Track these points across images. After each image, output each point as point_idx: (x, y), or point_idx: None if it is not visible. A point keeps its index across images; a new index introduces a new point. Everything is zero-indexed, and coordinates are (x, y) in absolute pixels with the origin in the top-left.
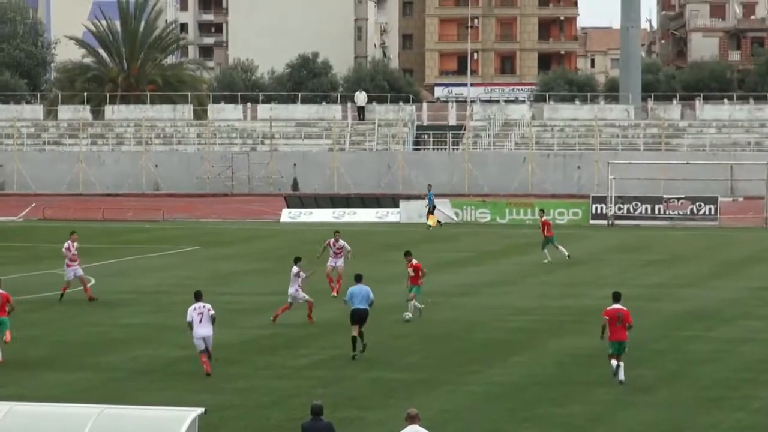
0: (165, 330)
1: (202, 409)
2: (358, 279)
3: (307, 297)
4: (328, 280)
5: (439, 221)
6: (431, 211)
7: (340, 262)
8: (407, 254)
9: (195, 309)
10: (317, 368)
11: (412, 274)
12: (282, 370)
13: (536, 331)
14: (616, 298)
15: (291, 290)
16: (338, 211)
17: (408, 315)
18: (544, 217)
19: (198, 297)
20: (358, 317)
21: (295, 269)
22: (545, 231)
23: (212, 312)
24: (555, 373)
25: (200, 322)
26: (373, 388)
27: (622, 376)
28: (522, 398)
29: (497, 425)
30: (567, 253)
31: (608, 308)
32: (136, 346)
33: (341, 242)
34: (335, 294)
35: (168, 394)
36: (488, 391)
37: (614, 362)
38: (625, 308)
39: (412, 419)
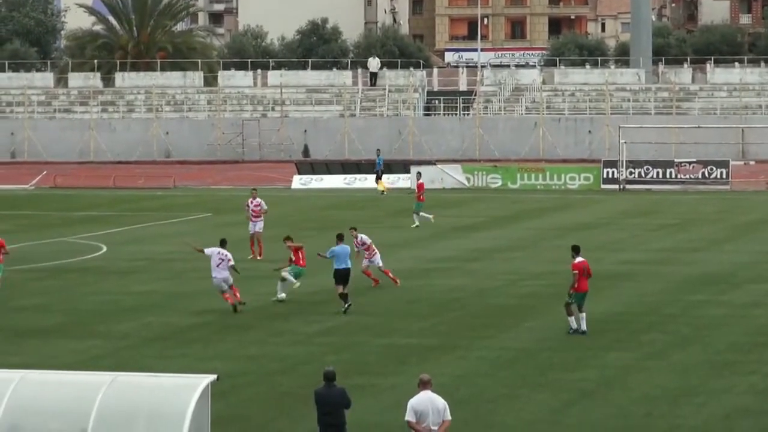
0: (177, 297)
1: (215, 376)
2: (340, 238)
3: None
4: (249, 245)
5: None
6: (380, 176)
7: (259, 226)
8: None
9: (219, 253)
10: (329, 335)
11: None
12: (294, 336)
13: (548, 296)
14: (577, 250)
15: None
16: (349, 177)
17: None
18: (420, 180)
19: (223, 244)
20: (341, 276)
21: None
22: (419, 196)
23: (232, 262)
24: (566, 338)
25: (218, 266)
26: (385, 354)
27: (584, 326)
28: (534, 363)
29: (510, 390)
30: (430, 216)
31: (575, 262)
32: (148, 314)
33: (258, 200)
34: (259, 257)
35: (180, 361)
36: (500, 356)
37: (572, 319)
38: (585, 260)
39: (424, 384)
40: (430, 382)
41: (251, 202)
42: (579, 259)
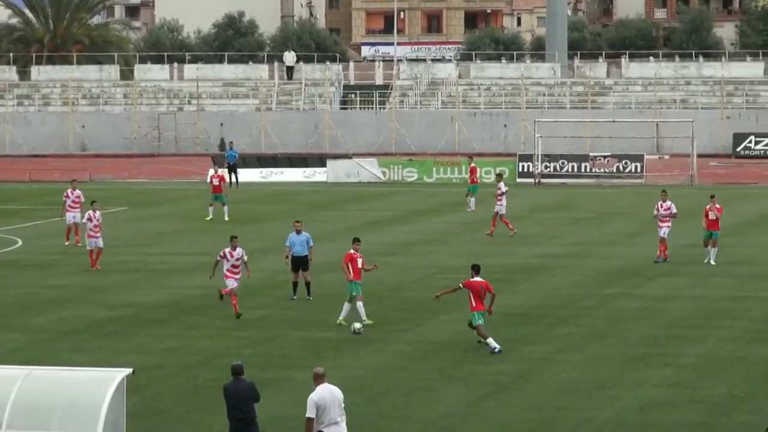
0: (93, 290)
1: (131, 370)
2: (298, 224)
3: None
4: (66, 233)
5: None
6: (233, 169)
7: (79, 216)
8: (357, 241)
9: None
10: (246, 328)
11: (360, 266)
12: (210, 330)
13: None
14: (477, 270)
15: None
16: (265, 170)
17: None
18: (219, 172)
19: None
20: (298, 263)
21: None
22: (219, 187)
23: (246, 258)
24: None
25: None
26: (302, 347)
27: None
28: (450, 356)
29: (426, 383)
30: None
31: (471, 280)
32: (64, 307)
33: (77, 191)
34: (77, 244)
35: (96, 354)
36: (417, 349)
37: (490, 339)
38: (484, 281)
39: (321, 378)
40: (325, 374)
41: (71, 193)
42: (477, 279)
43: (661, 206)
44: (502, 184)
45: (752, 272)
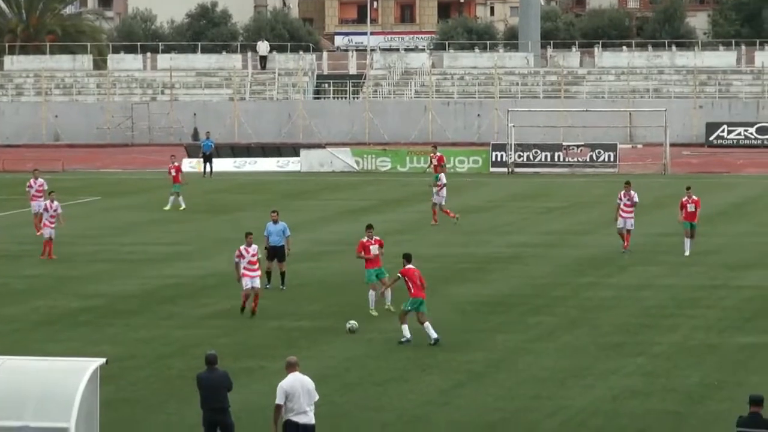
0: (66, 280)
1: (104, 360)
2: (274, 214)
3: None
4: (34, 224)
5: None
6: (208, 159)
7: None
8: (369, 228)
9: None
10: (219, 317)
11: (376, 252)
12: (184, 319)
13: (437, 278)
14: (408, 258)
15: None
16: (239, 160)
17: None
18: (176, 163)
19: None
20: (274, 252)
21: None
22: (177, 177)
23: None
24: (456, 320)
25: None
26: (276, 337)
27: (434, 333)
28: (424, 346)
29: (400, 373)
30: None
31: (403, 268)
32: (37, 297)
33: (40, 180)
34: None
35: (69, 344)
36: (390, 338)
37: (405, 327)
38: (416, 269)
39: (293, 366)
40: (297, 363)
41: (34, 182)
42: (409, 266)
43: (624, 196)
44: (442, 175)
45: (724, 261)
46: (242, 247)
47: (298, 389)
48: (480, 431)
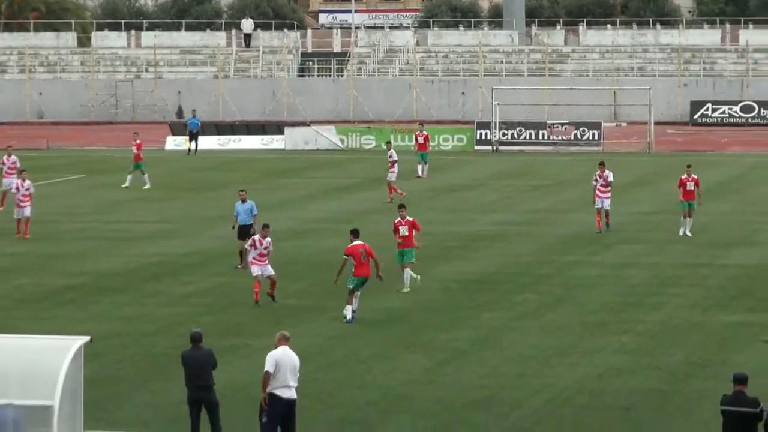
0: (51, 258)
1: (88, 338)
2: (243, 193)
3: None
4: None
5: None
6: (194, 137)
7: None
8: (401, 207)
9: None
10: (204, 295)
11: (406, 233)
12: (168, 297)
13: (422, 257)
14: (356, 234)
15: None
16: (223, 138)
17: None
18: (138, 141)
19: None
20: (243, 232)
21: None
22: (139, 155)
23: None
24: (441, 298)
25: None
26: (260, 315)
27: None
28: (409, 324)
29: (384, 351)
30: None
31: (350, 245)
32: (22, 275)
33: (13, 157)
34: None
35: (53, 323)
36: (375, 317)
37: (349, 308)
38: (366, 244)
39: (286, 340)
40: (290, 339)
41: (7, 159)
42: (357, 242)
43: (600, 176)
44: (392, 152)
45: (709, 240)
46: (256, 237)
47: (286, 362)
48: (464, 409)
